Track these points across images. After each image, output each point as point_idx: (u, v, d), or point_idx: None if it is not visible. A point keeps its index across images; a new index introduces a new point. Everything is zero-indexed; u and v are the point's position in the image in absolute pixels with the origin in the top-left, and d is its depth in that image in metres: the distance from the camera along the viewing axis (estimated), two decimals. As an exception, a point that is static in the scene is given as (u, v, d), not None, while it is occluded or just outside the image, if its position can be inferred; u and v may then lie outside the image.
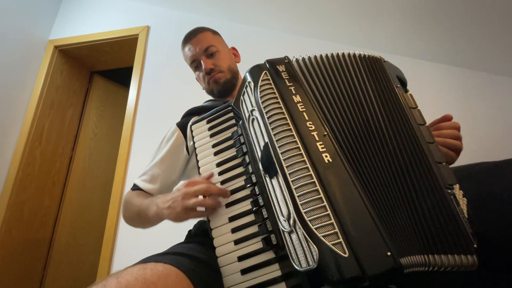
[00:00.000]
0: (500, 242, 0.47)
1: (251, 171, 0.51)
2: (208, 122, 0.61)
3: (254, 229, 0.47)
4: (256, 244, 0.46)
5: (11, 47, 1.90)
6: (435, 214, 0.43)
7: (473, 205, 0.46)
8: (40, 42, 2.12)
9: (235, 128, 0.57)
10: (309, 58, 0.54)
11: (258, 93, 0.50)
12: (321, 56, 0.55)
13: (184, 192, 0.52)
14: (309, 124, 0.45)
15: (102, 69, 2.46)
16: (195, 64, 0.89)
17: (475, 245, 0.40)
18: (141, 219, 0.69)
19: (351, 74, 0.53)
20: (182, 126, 0.82)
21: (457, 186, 0.47)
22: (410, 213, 0.43)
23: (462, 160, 0.64)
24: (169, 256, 0.47)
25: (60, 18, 2.26)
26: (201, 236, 0.67)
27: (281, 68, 0.52)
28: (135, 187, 0.80)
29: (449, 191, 0.45)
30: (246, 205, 0.50)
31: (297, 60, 0.54)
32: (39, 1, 2.13)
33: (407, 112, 0.51)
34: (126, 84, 2.13)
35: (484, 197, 0.51)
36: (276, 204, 0.44)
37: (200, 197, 0.52)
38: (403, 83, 0.58)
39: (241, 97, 0.55)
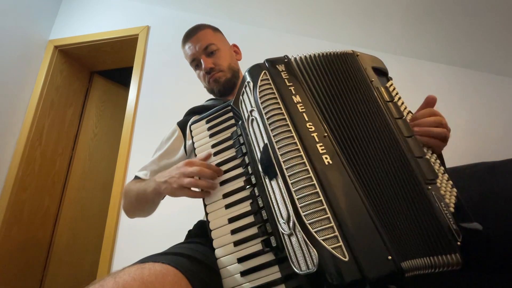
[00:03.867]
0: (499, 242, 0.47)
1: (250, 172, 0.50)
2: (207, 122, 0.61)
3: (253, 230, 0.47)
4: (255, 245, 0.46)
5: (11, 47, 1.90)
6: (418, 214, 0.41)
7: (473, 205, 0.46)
8: (40, 42, 2.12)
9: (234, 128, 0.57)
10: (305, 57, 0.54)
11: (258, 93, 0.49)
12: (314, 55, 0.54)
13: (181, 172, 0.56)
14: (309, 125, 0.45)
15: (102, 69, 2.46)
16: (195, 63, 0.89)
17: (458, 243, 0.39)
18: (140, 200, 0.72)
19: (338, 73, 0.52)
20: (182, 125, 0.82)
21: (445, 177, 0.46)
22: (406, 215, 0.42)
23: (462, 160, 0.63)
24: (168, 256, 0.47)
25: (60, 18, 2.26)
26: (201, 237, 0.67)
27: (280, 67, 0.51)
28: (136, 178, 0.82)
29: (430, 187, 0.43)
30: (245, 207, 0.50)
31: (295, 60, 0.54)
32: (39, 1, 2.13)
33: (382, 107, 0.50)
34: (126, 84, 2.13)
35: (483, 197, 0.51)
36: (275, 206, 0.43)
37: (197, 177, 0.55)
38: (382, 73, 0.56)
39: (241, 97, 0.54)
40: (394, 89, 0.54)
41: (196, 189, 0.55)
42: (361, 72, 0.53)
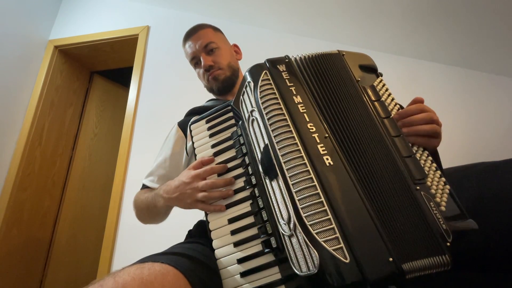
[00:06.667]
0: (499, 242, 0.47)
1: (250, 172, 0.50)
2: (207, 122, 0.61)
3: (253, 231, 0.47)
4: (255, 246, 0.46)
5: (11, 47, 1.90)
6: (410, 215, 0.41)
7: (473, 205, 0.46)
8: (40, 42, 2.12)
9: (234, 129, 0.56)
10: (304, 58, 0.54)
11: (258, 93, 0.49)
12: (306, 57, 0.54)
13: (193, 187, 0.55)
14: (310, 125, 0.45)
15: (102, 69, 2.46)
16: (195, 61, 0.89)
17: (448, 243, 0.38)
18: (152, 212, 0.73)
19: (327, 74, 0.52)
20: (183, 125, 0.82)
21: (437, 174, 0.45)
22: (404, 216, 0.41)
23: (462, 160, 0.63)
24: (167, 256, 0.46)
25: (60, 18, 2.26)
26: (201, 237, 0.67)
27: (281, 67, 0.51)
28: (144, 187, 0.82)
29: (418, 187, 0.43)
30: (245, 207, 0.50)
31: (296, 60, 0.53)
32: (39, 1, 2.13)
33: (369, 107, 0.49)
34: (126, 84, 2.13)
35: (483, 197, 0.51)
36: (276, 207, 0.43)
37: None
38: (370, 70, 0.55)
39: (241, 97, 0.54)
40: (383, 85, 0.53)
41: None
42: (347, 72, 0.53)
